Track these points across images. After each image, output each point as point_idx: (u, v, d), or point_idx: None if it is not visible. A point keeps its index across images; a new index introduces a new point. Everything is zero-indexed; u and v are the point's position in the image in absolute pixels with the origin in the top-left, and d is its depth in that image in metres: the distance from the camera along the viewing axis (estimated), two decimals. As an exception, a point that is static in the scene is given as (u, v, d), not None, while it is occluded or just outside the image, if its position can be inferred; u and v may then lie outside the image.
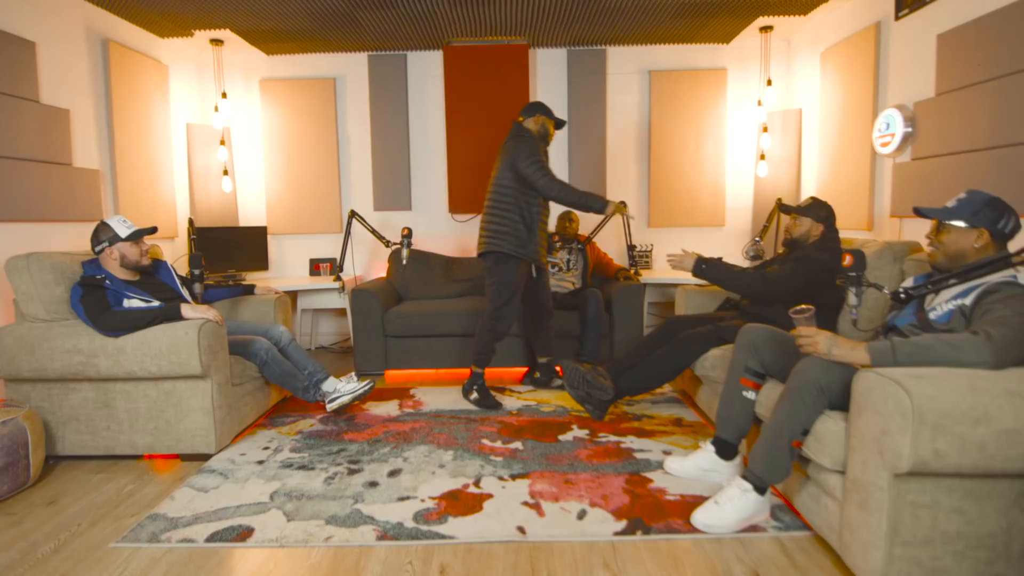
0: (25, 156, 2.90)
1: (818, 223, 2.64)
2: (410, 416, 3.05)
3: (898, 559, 1.51)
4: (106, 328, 2.44)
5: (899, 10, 3.13)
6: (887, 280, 2.44)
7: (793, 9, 3.78)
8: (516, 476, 2.31)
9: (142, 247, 2.64)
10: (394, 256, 4.29)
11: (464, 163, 4.52)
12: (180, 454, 2.58)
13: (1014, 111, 2.38)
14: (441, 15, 3.81)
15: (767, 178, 4.43)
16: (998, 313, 1.59)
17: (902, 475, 1.48)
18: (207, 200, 4.46)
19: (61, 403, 2.53)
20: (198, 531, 1.94)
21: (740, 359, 2.18)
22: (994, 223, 1.74)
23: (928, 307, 1.82)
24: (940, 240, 1.84)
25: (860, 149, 3.47)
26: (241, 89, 4.63)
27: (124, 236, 2.57)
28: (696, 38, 4.33)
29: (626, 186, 4.65)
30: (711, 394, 2.74)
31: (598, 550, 1.81)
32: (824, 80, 3.89)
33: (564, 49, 4.55)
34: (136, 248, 2.62)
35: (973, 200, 1.78)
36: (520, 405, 3.19)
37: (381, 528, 1.93)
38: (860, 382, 1.58)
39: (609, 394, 2.79)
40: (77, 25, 3.36)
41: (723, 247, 4.63)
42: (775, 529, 1.89)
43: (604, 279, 4.12)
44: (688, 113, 4.53)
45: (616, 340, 3.71)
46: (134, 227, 2.62)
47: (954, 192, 1.91)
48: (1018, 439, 1.40)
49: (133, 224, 2.64)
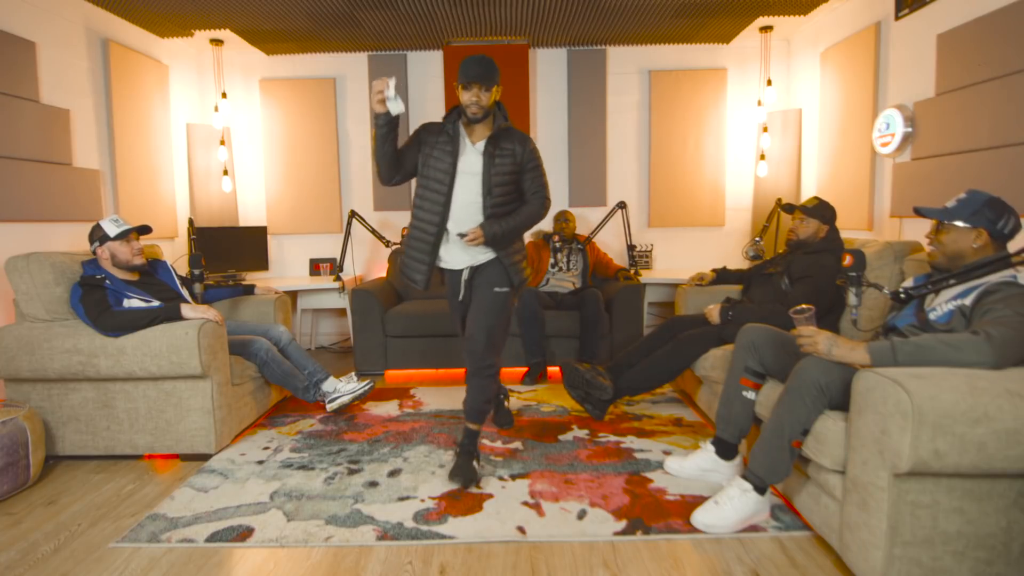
0: (25, 156, 2.90)
1: (824, 224, 2.68)
2: (410, 416, 3.05)
3: (898, 559, 1.51)
4: (106, 328, 2.44)
5: (899, 10, 3.13)
6: (887, 280, 2.44)
7: (793, 9, 3.78)
8: (516, 476, 2.31)
9: (133, 246, 2.63)
10: (394, 256, 4.29)
11: (464, 163, 4.52)
12: (180, 454, 2.58)
13: (1014, 111, 2.38)
14: (441, 15, 3.81)
15: (767, 178, 4.43)
16: (998, 313, 1.59)
17: (902, 475, 1.48)
18: (207, 200, 4.46)
19: (61, 403, 2.53)
20: (198, 531, 1.94)
21: (740, 359, 2.18)
22: (993, 223, 1.74)
23: (928, 307, 1.82)
24: (940, 240, 1.84)
25: (860, 149, 3.47)
26: (241, 89, 4.63)
27: (113, 235, 2.57)
28: (696, 38, 4.33)
29: (626, 186, 4.65)
30: (711, 394, 2.74)
31: (598, 550, 1.81)
32: (824, 80, 3.88)
33: (564, 49, 4.55)
34: (127, 247, 2.60)
35: (973, 200, 1.78)
36: (520, 405, 3.19)
37: (381, 528, 1.93)
38: (860, 382, 1.58)
39: (608, 394, 2.79)
40: (77, 25, 3.36)
41: (723, 247, 4.64)
42: (775, 529, 1.89)
43: (604, 279, 4.12)
44: (688, 113, 4.53)
45: (616, 340, 3.70)
46: (125, 226, 2.61)
47: (954, 192, 1.91)
48: (1018, 439, 1.40)
49: (126, 223, 2.63)
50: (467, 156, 2.26)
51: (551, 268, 4.03)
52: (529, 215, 2.31)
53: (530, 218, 2.32)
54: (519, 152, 2.27)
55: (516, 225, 2.27)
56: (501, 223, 2.22)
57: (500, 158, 2.24)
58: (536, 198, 2.33)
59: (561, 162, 4.62)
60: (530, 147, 2.30)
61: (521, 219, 2.28)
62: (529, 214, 2.31)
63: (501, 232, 2.22)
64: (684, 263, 4.67)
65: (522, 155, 2.28)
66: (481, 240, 2.19)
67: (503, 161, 2.25)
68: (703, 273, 3.33)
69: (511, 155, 2.26)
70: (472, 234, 2.19)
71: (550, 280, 4.00)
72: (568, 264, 4.06)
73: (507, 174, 2.26)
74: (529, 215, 2.31)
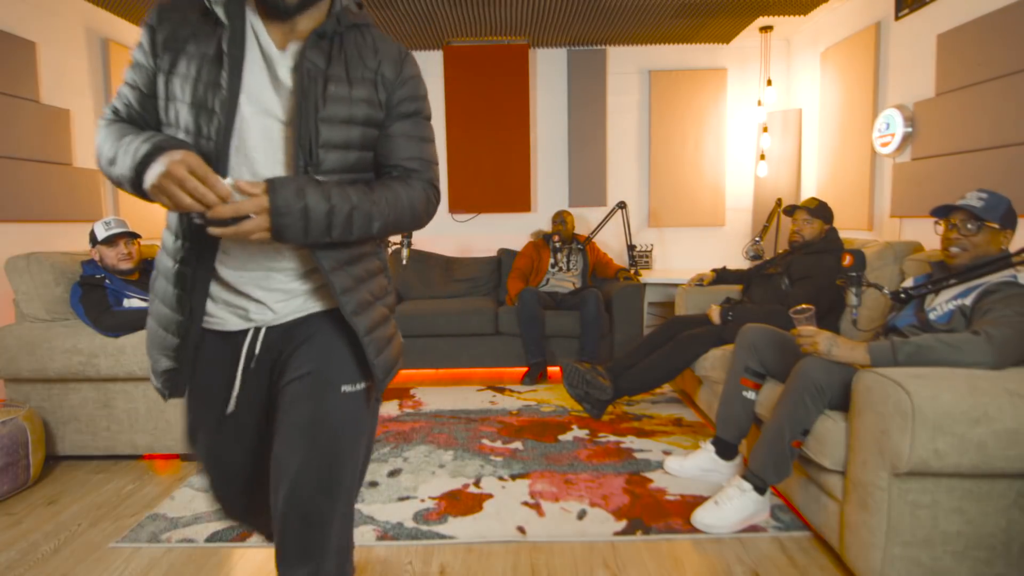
0: (25, 156, 2.89)
1: (826, 224, 2.71)
2: (410, 416, 3.05)
3: (898, 559, 1.51)
4: (106, 328, 2.43)
5: (899, 10, 3.13)
6: (887, 280, 2.44)
7: (793, 9, 3.78)
8: (516, 476, 2.31)
9: (119, 251, 2.58)
10: (394, 256, 4.29)
11: (464, 163, 4.52)
12: (180, 454, 2.58)
13: (1014, 111, 2.37)
14: (441, 15, 3.81)
15: (767, 178, 4.43)
16: (998, 313, 1.59)
17: (902, 475, 1.48)
18: (207, 200, 4.45)
19: (61, 403, 2.53)
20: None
21: (740, 359, 2.18)
22: (1014, 225, 1.75)
23: (928, 307, 1.82)
24: (973, 241, 1.77)
25: (860, 149, 3.47)
26: (241, 89, 4.62)
27: (100, 239, 2.56)
28: (696, 38, 4.33)
29: (626, 186, 4.65)
30: (711, 394, 2.74)
31: (598, 550, 1.81)
32: (824, 80, 3.88)
33: (564, 49, 4.55)
34: (113, 251, 2.57)
35: (999, 201, 1.75)
36: (520, 405, 3.19)
37: (381, 528, 1.93)
38: (860, 382, 1.58)
39: (608, 394, 2.79)
40: (77, 25, 3.36)
41: (723, 247, 4.63)
42: (775, 529, 1.89)
43: (604, 279, 4.12)
44: (688, 113, 4.52)
45: (616, 340, 3.70)
46: (113, 230, 2.58)
47: (954, 192, 1.91)
48: (1018, 439, 1.41)
49: (121, 226, 2.61)
50: (259, 72, 1.01)
51: (551, 268, 4.03)
52: (405, 201, 1.09)
53: (404, 209, 1.09)
54: (387, 76, 1.08)
55: (369, 208, 1.03)
56: (328, 191, 0.99)
57: (337, 84, 1.03)
58: (416, 181, 1.12)
59: (561, 162, 4.62)
60: (410, 71, 1.11)
61: (386, 201, 1.06)
62: (406, 200, 1.09)
63: (323, 208, 0.97)
64: (684, 263, 4.67)
65: (392, 83, 1.08)
66: (264, 223, 0.93)
67: (344, 91, 1.03)
68: (703, 274, 3.33)
69: (367, 80, 1.06)
70: (250, 198, 0.93)
71: (550, 280, 4.00)
72: (568, 264, 4.06)
73: (354, 121, 1.05)
74: (405, 201, 1.09)
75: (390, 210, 1.06)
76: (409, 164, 1.11)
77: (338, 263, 1.05)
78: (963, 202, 1.79)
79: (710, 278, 3.28)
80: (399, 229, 1.11)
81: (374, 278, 1.13)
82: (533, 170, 4.60)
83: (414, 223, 1.13)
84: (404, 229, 1.12)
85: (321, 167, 1.02)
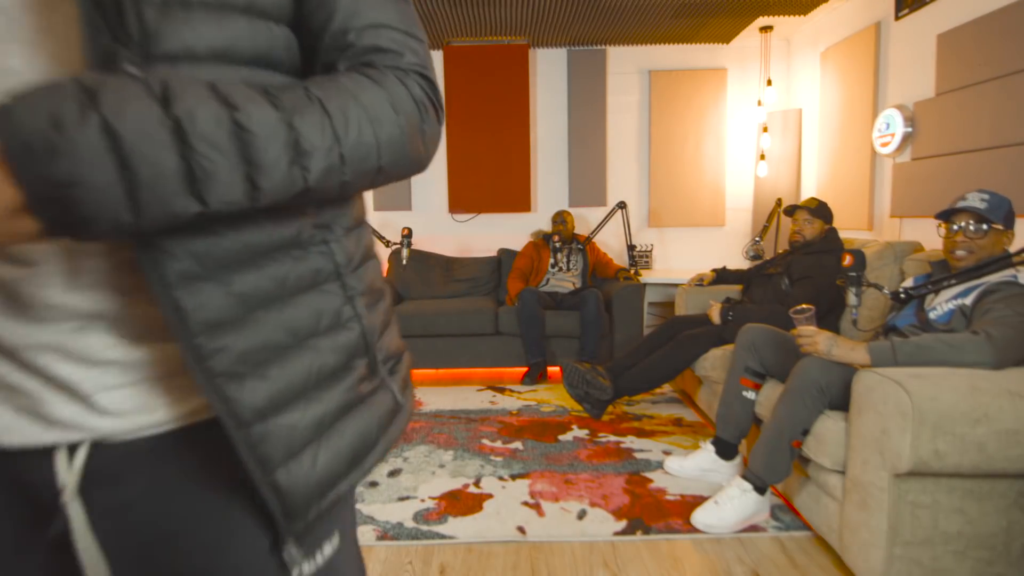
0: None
1: (826, 224, 2.71)
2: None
3: (898, 559, 1.51)
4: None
5: (899, 10, 3.13)
6: (887, 280, 2.44)
7: (793, 9, 3.78)
8: (516, 476, 2.31)
9: None
10: (394, 256, 4.29)
11: (464, 163, 4.52)
12: None
13: (1014, 111, 2.38)
14: (441, 15, 3.81)
15: (767, 178, 4.43)
16: (998, 313, 1.59)
17: (902, 475, 1.48)
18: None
19: None
20: None
21: (740, 359, 2.18)
22: (1014, 225, 1.76)
23: (928, 307, 1.82)
24: (979, 244, 1.76)
25: (860, 149, 3.47)
26: (241, 89, 4.62)
27: None
28: (696, 38, 4.33)
29: (626, 186, 4.65)
30: (711, 394, 2.74)
31: (598, 550, 1.81)
32: (824, 80, 3.89)
33: (564, 49, 4.55)
34: None
35: (1001, 201, 1.75)
36: (520, 405, 3.19)
37: (381, 528, 1.93)
38: (860, 382, 1.58)
39: (608, 394, 2.79)
40: (77, 25, 3.36)
41: (723, 247, 4.63)
42: (775, 529, 1.89)
43: (604, 279, 4.12)
44: (688, 113, 4.52)
45: (616, 340, 3.70)
46: None
47: (955, 193, 1.91)
48: (1018, 439, 1.41)
49: None
50: None
51: (551, 268, 4.03)
52: (382, 110, 0.50)
53: (385, 126, 0.50)
54: None
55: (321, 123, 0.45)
56: (213, 89, 0.41)
57: None
58: (392, 72, 0.53)
59: (561, 162, 4.62)
60: None
61: (342, 112, 0.47)
62: (382, 106, 0.50)
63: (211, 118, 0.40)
64: (684, 263, 4.67)
65: None
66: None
67: None
68: (703, 274, 3.33)
69: None
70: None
71: (550, 280, 4.00)
72: (568, 264, 4.06)
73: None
74: (382, 110, 0.50)
75: (358, 132, 0.48)
76: (372, 40, 0.53)
77: (208, 267, 0.45)
78: (966, 204, 1.78)
79: (710, 278, 3.28)
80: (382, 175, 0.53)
81: (309, 295, 0.53)
82: (533, 170, 4.60)
83: (402, 158, 0.53)
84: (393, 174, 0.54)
85: (157, 48, 0.43)
